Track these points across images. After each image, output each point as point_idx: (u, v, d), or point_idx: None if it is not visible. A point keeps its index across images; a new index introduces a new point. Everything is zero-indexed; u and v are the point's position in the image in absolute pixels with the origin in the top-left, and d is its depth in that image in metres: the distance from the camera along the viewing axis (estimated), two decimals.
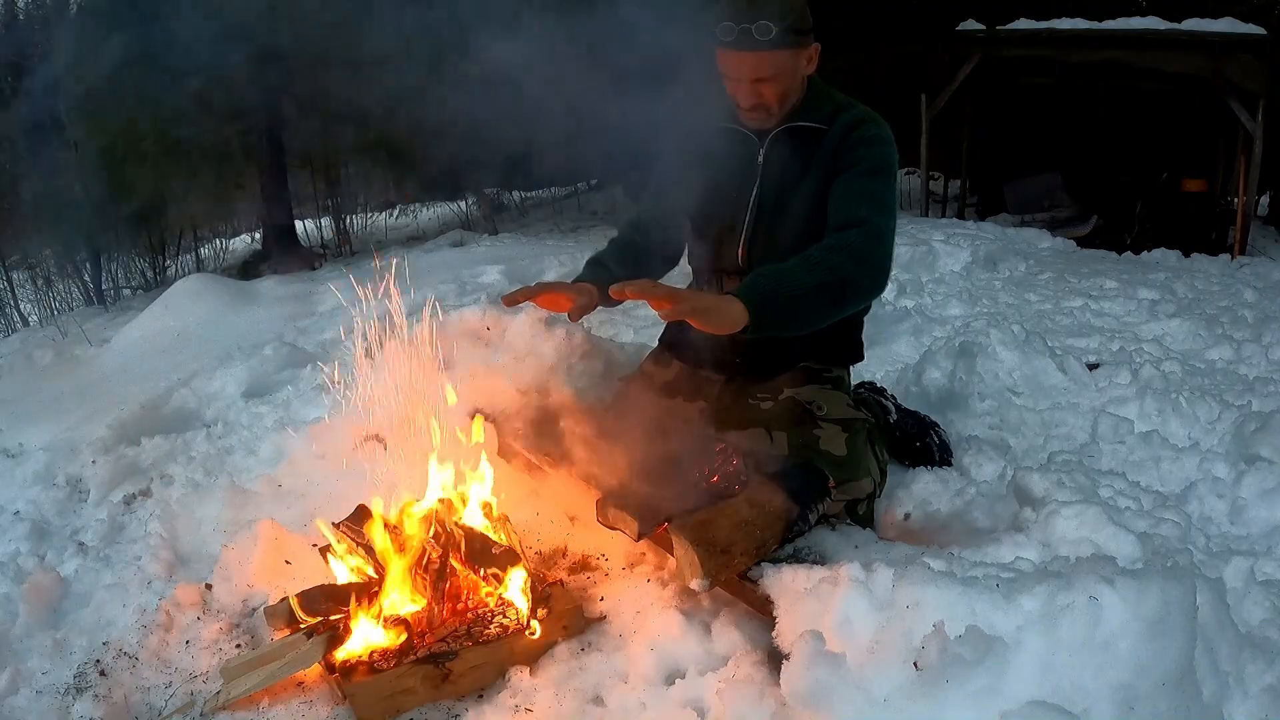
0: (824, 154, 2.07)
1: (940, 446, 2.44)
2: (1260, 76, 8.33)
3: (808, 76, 2.09)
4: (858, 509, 2.03)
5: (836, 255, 1.85)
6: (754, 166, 2.14)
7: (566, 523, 2.27)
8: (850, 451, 1.99)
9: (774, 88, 2.00)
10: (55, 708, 1.80)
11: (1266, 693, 1.47)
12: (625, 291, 1.67)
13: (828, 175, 2.05)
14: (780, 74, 1.98)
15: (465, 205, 11.86)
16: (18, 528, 2.57)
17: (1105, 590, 1.33)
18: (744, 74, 1.99)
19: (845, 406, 2.10)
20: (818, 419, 2.03)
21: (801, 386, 2.13)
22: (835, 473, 1.94)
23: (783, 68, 1.98)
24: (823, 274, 1.81)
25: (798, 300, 1.78)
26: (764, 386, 2.17)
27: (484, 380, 2.57)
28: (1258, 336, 3.97)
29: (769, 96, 2.02)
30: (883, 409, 2.49)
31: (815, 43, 2.02)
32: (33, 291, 9.05)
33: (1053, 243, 7.50)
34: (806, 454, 1.96)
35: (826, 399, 2.08)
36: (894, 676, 1.32)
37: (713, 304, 1.71)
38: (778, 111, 2.07)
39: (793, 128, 2.09)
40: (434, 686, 1.73)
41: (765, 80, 1.99)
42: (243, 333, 4.50)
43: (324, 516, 2.22)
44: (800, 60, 2.01)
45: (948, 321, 4.25)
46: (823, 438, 1.99)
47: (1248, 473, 2.32)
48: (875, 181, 2.00)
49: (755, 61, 1.96)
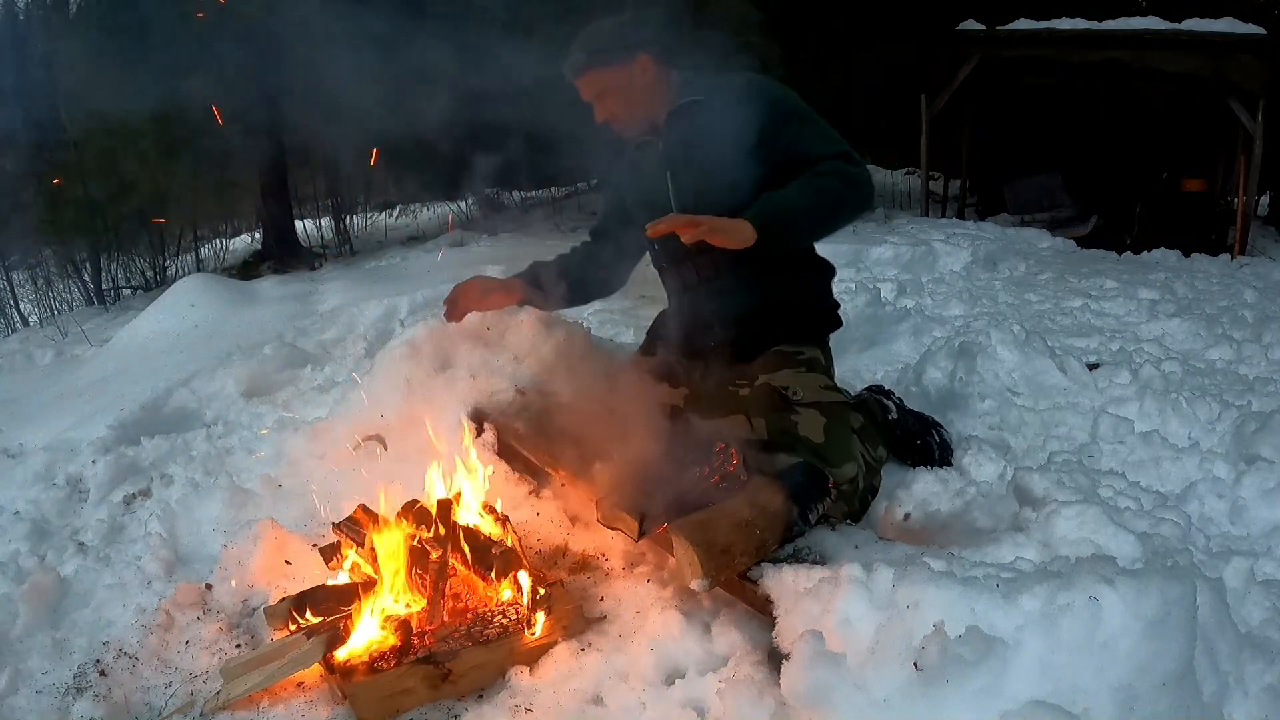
0: (724, 121, 2.19)
1: (941, 445, 2.46)
2: (1260, 76, 8.33)
3: (660, 78, 2.27)
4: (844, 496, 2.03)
5: (825, 179, 2.12)
6: (661, 159, 2.31)
7: (566, 523, 2.27)
8: (829, 437, 2.03)
9: (611, 102, 2.26)
10: (55, 708, 1.80)
11: (1266, 693, 1.47)
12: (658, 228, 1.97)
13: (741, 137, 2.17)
14: (609, 89, 2.24)
15: (465, 205, 11.86)
16: (18, 528, 2.56)
17: (1105, 590, 1.33)
18: (586, 98, 2.27)
19: (820, 389, 2.14)
20: (794, 404, 2.08)
21: (775, 372, 2.18)
22: (814, 459, 1.98)
23: (609, 84, 2.23)
24: (815, 194, 2.10)
25: (796, 217, 2.09)
26: (740, 372, 2.24)
27: (484, 380, 2.57)
28: (1258, 336, 3.96)
29: (612, 110, 2.28)
30: (882, 408, 2.50)
31: (642, 55, 2.22)
32: (33, 291, 9.05)
33: (1053, 243, 7.50)
34: (786, 440, 2.01)
35: (801, 383, 2.14)
36: (894, 676, 1.32)
37: (726, 223, 2.01)
38: (631, 119, 2.30)
39: (675, 113, 2.28)
40: (434, 686, 1.73)
41: (600, 99, 2.26)
42: (243, 333, 4.50)
43: (324, 517, 2.22)
44: (630, 72, 2.23)
45: (948, 321, 4.25)
46: (800, 423, 2.04)
47: (1248, 473, 2.32)
48: (808, 124, 2.22)
49: (584, 86, 2.26)
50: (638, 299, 5.05)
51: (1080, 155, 9.99)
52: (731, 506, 1.82)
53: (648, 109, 2.29)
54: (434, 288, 5.38)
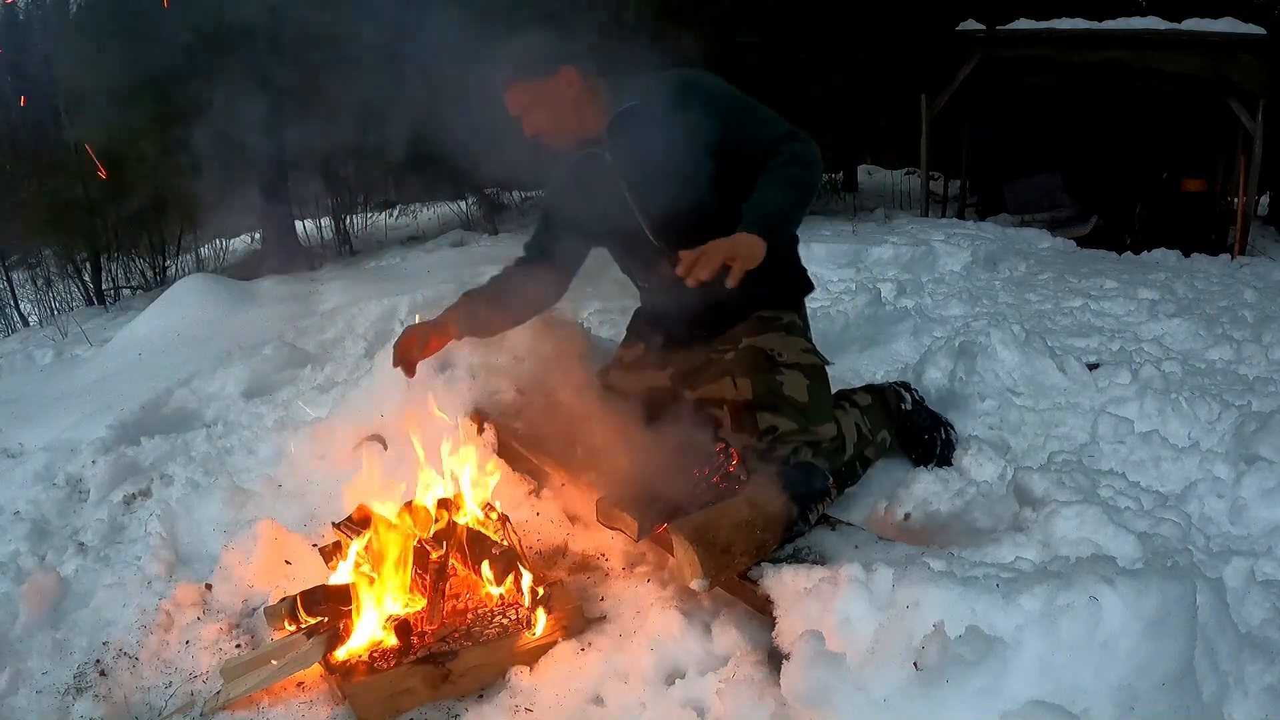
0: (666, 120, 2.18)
1: (944, 444, 2.52)
2: (1260, 76, 8.32)
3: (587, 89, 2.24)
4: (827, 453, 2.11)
5: (791, 168, 2.16)
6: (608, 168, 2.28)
7: (566, 523, 2.27)
8: (812, 397, 2.11)
9: (540, 116, 2.24)
10: (55, 708, 1.80)
11: (1266, 693, 1.47)
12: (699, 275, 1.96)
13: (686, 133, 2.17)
14: (535, 103, 2.22)
15: (465, 205, 11.86)
16: (18, 528, 2.57)
17: (1105, 590, 1.33)
18: (514, 113, 2.25)
19: (802, 351, 2.20)
20: (779, 364, 2.13)
21: (759, 335, 2.21)
22: (797, 416, 2.06)
23: (534, 98, 2.21)
24: (791, 187, 2.16)
25: (786, 214, 2.16)
26: (724, 338, 2.27)
27: (484, 380, 2.57)
28: (1258, 336, 3.96)
29: (540, 124, 2.25)
30: (898, 398, 2.57)
31: (565, 67, 2.20)
32: (33, 291, 9.05)
33: (1053, 243, 7.50)
34: (771, 399, 2.07)
35: (785, 345, 2.18)
36: (894, 676, 1.32)
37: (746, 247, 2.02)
38: (560, 132, 2.27)
39: (615, 121, 2.25)
40: (434, 686, 1.73)
41: (527, 111, 2.23)
42: (243, 333, 4.50)
43: (325, 517, 2.22)
44: (556, 86, 2.20)
45: (948, 321, 4.24)
46: (785, 383, 2.10)
47: (1248, 473, 2.32)
48: (750, 110, 2.25)
49: (510, 101, 2.23)
50: (637, 298, 5.05)
51: (1080, 155, 9.98)
52: (731, 506, 1.82)
53: (579, 122, 2.26)
54: (434, 288, 5.37)
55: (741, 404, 2.08)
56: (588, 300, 5.16)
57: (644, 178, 2.24)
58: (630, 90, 2.27)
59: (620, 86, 2.28)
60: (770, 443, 2.06)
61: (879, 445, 2.42)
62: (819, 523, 1.91)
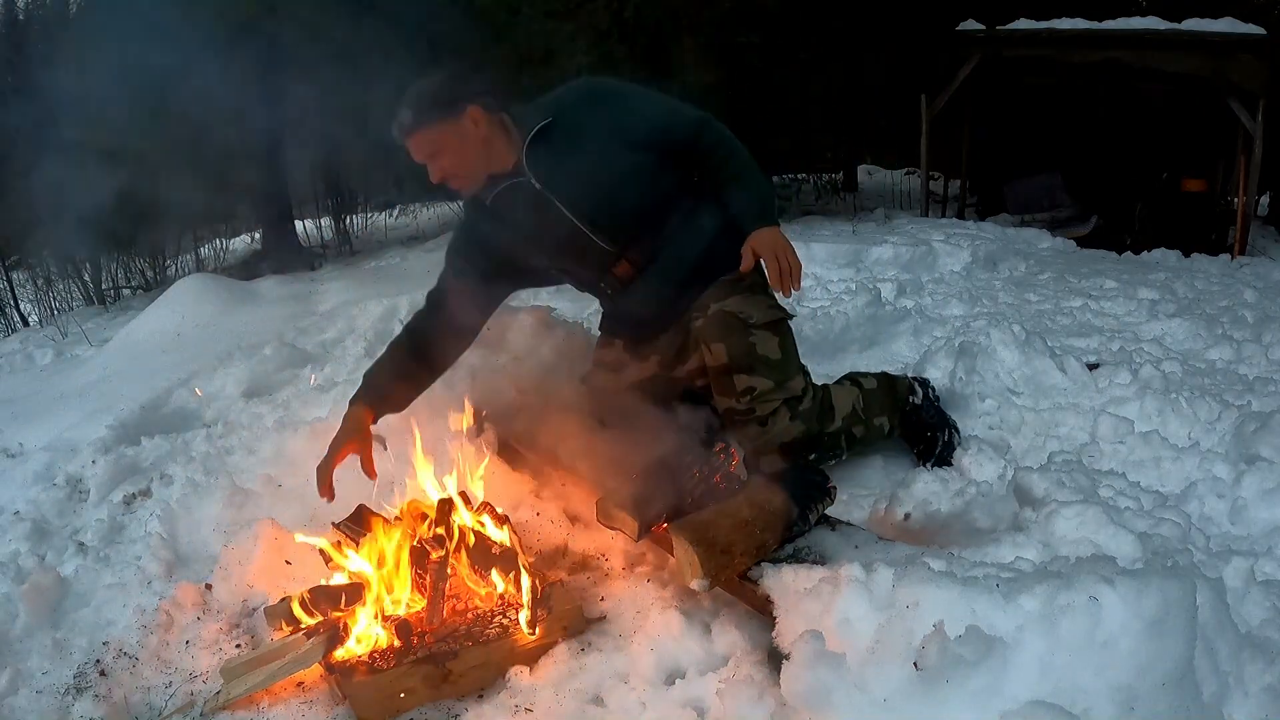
0: (580, 130, 2.21)
1: (945, 445, 2.55)
2: (1260, 76, 8.31)
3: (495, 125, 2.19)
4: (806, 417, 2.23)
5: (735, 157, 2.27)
6: (537, 191, 2.23)
7: (566, 523, 2.27)
8: (783, 353, 2.23)
9: (448, 159, 2.16)
10: (55, 708, 1.80)
11: (1266, 693, 1.47)
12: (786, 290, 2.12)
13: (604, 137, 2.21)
14: (442, 147, 2.14)
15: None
16: (18, 528, 2.56)
17: (1105, 590, 1.33)
18: (419, 158, 2.16)
19: (769, 309, 2.28)
20: (750, 326, 2.21)
21: (727, 299, 2.26)
22: (772, 373, 2.17)
23: (440, 141, 2.14)
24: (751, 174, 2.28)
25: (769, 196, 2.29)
26: (694, 307, 2.31)
27: (484, 380, 2.57)
28: (1258, 336, 3.96)
29: (449, 167, 2.17)
30: (910, 390, 2.62)
31: (471, 107, 2.13)
32: (33, 291, 9.04)
33: (1053, 243, 7.49)
34: (748, 361, 2.17)
35: (752, 306, 2.24)
36: (894, 676, 1.32)
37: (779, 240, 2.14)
38: (469, 174, 2.21)
39: (531, 142, 2.20)
40: (434, 686, 1.73)
41: (434, 156, 2.15)
42: (243, 333, 4.49)
43: (324, 517, 2.22)
44: (461, 128, 2.14)
45: (948, 321, 4.24)
46: (758, 344, 2.20)
47: (1248, 473, 2.32)
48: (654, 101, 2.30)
49: (415, 145, 2.15)
50: None
51: (1080, 155, 9.97)
52: (731, 506, 1.82)
53: (488, 160, 2.20)
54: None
55: (719, 368, 2.18)
56: (588, 300, 5.17)
57: (579, 185, 2.22)
58: (533, 112, 2.24)
59: (521, 114, 2.24)
60: (749, 403, 2.18)
61: (873, 429, 2.47)
62: (819, 523, 1.91)
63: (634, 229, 2.29)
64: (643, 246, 2.31)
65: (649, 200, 2.27)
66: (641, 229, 2.28)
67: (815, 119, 9.65)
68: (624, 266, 2.33)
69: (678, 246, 2.32)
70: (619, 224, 2.27)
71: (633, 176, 2.23)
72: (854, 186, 12.75)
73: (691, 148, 2.27)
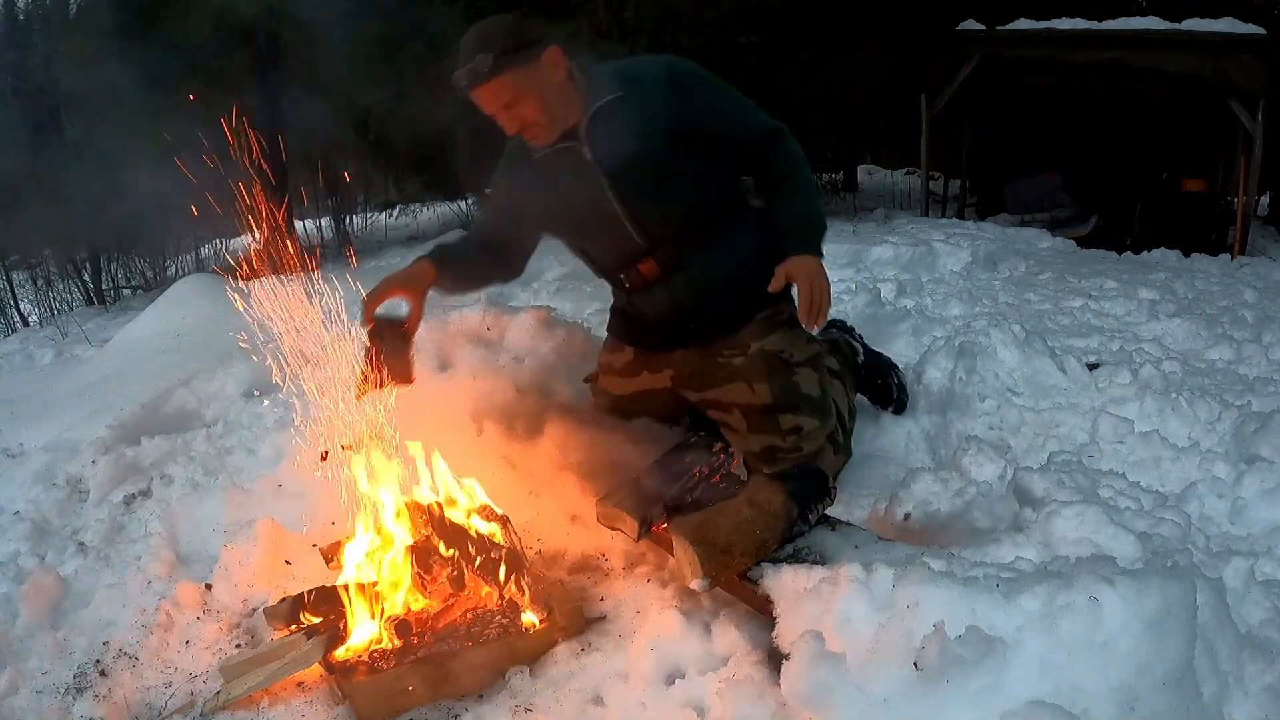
0: (646, 112, 2.09)
1: (899, 387, 2.63)
2: (1260, 76, 8.31)
3: (569, 72, 2.07)
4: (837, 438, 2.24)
5: (803, 170, 2.22)
6: (589, 166, 2.13)
7: (566, 523, 2.27)
8: (822, 389, 2.22)
9: (528, 107, 2.02)
10: (55, 708, 1.80)
11: (1266, 693, 1.47)
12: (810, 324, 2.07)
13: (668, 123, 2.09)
14: (523, 93, 2.00)
15: (465, 205, 11.86)
16: (18, 528, 2.56)
17: (1105, 590, 1.33)
18: (493, 107, 2.02)
19: (806, 345, 2.26)
20: (793, 365, 2.19)
21: (766, 337, 2.23)
22: (816, 412, 2.16)
23: (522, 87, 1.99)
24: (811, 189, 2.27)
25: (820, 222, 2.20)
26: (728, 343, 2.24)
27: (484, 380, 2.57)
28: (1258, 336, 3.96)
29: (529, 116, 2.04)
30: (852, 350, 2.64)
31: (549, 48, 2.02)
32: (33, 291, 9.05)
33: (1053, 243, 7.49)
34: (791, 399, 2.15)
35: (793, 344, 2.23)
36: (894, 676, 1.32)
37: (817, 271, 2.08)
38: (548, 123, 2.08)
39: (595, 115, 2.10)
40: (434, 686, 1.73)
41: (513, 104, 2.01)
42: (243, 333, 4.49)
43: (324, 517, 2.22)
44: (541, 72, 2.01)
45: (948, 321, 4.24)
46: (801, 383, 2.18)
47: (1248, 473, 2.32)
48: (730, 98, 2.20)
49: (492, 93, 1.99)
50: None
51: (1080, 155, 9.98)
52: (731, 506, 1.82)
53: (564, 110, 2.07)
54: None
55: (760, 407, 2.13)
56: (588, 300, 5.16)
57: (629, 174, 2.13)
58: (604, 76, 2.12)
59: (592, 73, 2.13)
60: (796, 441, 2.16)
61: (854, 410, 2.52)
62: (819, 523, 1.91)
63: (673, 229, 2.20)
64: (675, 249, 2.22)
65: (697, 203, 2.18)
66: (681, 231, 2.19)
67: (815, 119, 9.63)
68: (650, 264, 2.24)
69: (710, 259, 2.23)
70: (660, 221, 2.18)
71: (689, 175, 2.14)
72: (854, 186, 12.76)
73: (759, 152, 2.19)
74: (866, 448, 2.59)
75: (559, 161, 2.14)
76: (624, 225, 2.18)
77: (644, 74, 2.12)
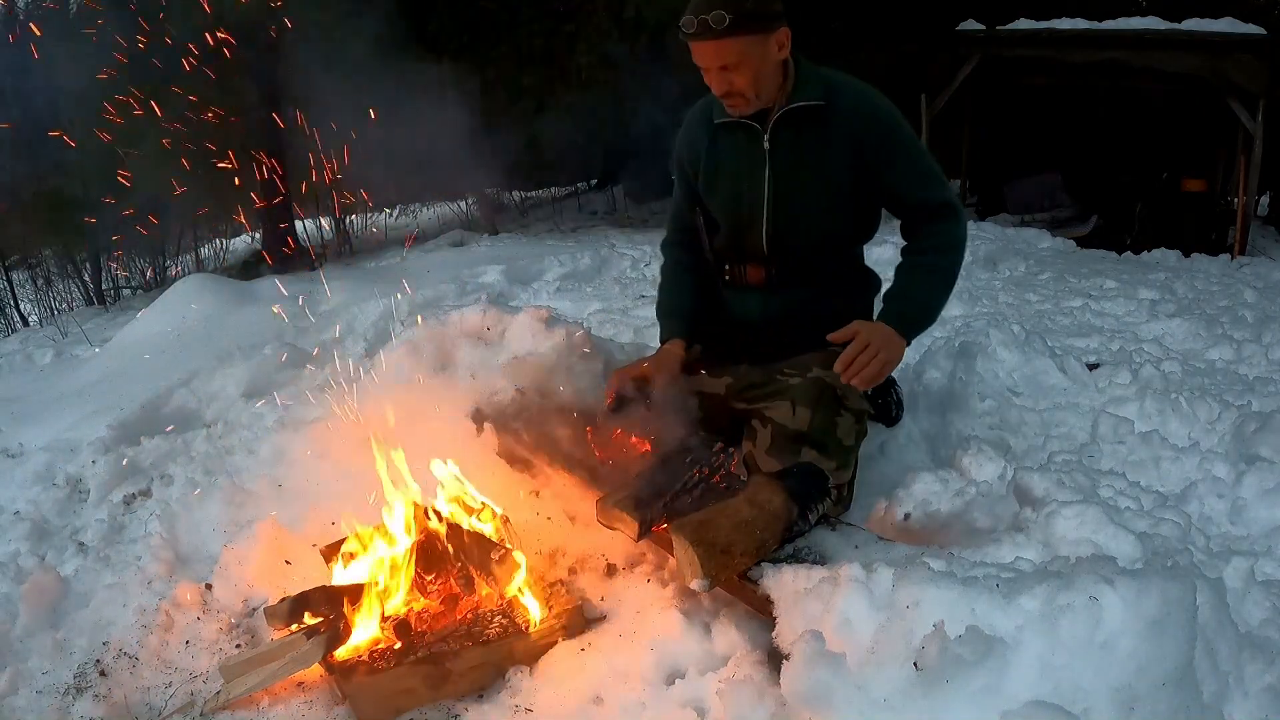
0: (836, 134, 2.11)
1: (896, 404, 2.57)
2: (1260, 76, 8.32)
3: (789, 59, 2.11)
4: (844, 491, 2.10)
5: (949, 256, 2.16)
6: (761, 155, 2.18)
7: (566, 523, 2.27)
8: (855, 442, 2.10)
9: (742, 74, 2.03)
10: (55, 708, 1.80)
11: (1266, 693, 1.47)
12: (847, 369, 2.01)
13: (849, 156, 2.11)
14: (745, 60, 2.01)
15: (465, 205, 11.86)
16: (18, 528, 2.57)
17: (1105, 590, 1.33)
18: (710, 63, 2.04)
19: (859, 397, 2.14)
20: (842, 405, 2.08)
21: (829, 368, 2.15)
22: (837, 457, 2.02)
23: (746, 53, 2.00)
24: (947, 279, 2.18)
25: (930, 313, 2.18)
26: (792, 363, 2.20)
27: (484, 380, 2.57)
28: (1258, 336, 3.96)
29: (739, 83, 2.05)
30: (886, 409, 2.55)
31: (783, 27, 2.04)
32: (33, 291, 9.06)
33: (1053, 243, 7.50)
34: (824, 437, 2.02)
35: (851, 387, 2.11)
36: (894, 676, 1.32)
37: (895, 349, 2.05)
38: (753, 97, 2.09)
39: (791, 110, 2.13)
40: (434, 686, 1.73)
41: (731, 67, 2.02)
42: (243, 333, 4.49)
43: (324, 517, 2.22)
44: (768, 46, 2.03)
45: (948, 321, 4.24)
46: (840, 425, 2.06)
47: (1248, 473, 2.32)
48: (921, 158, 2.17)
49: (716, 49, 2.00)
50: (636, 299, 5.05)
51: (1080, 155, 9.99)
52: (731, 506, 1.82)
53: (770, 89, 2.09)
54: (434, 287, 5.38)
55: (792, 433, 2.02)
56: (588, 300, 5.16)
57: (794, 178, 2.15)
58: (813, 80, 2.14)
59: (808, 71, 2.15)
60: None
61: None
62: (819, 523, 1.90)
63: (799, 251, 2.21)
64: (791, 268, 2.24)
65: (833, 238, 2.20)
66: (805, 255, 2.20)
67: None
68: (758, 270, 2.26)
69: (815, 293, 2.25)
70: (793, 237, 2.20)
71: (841, 210, 2.17)
72: None
73: (921, 216, 2.19)
74: (866, 448, 2.58)
75: (737, 134, 2.19)
76: (760, 224, 2.21)
77: (849, 95, 2.15)
